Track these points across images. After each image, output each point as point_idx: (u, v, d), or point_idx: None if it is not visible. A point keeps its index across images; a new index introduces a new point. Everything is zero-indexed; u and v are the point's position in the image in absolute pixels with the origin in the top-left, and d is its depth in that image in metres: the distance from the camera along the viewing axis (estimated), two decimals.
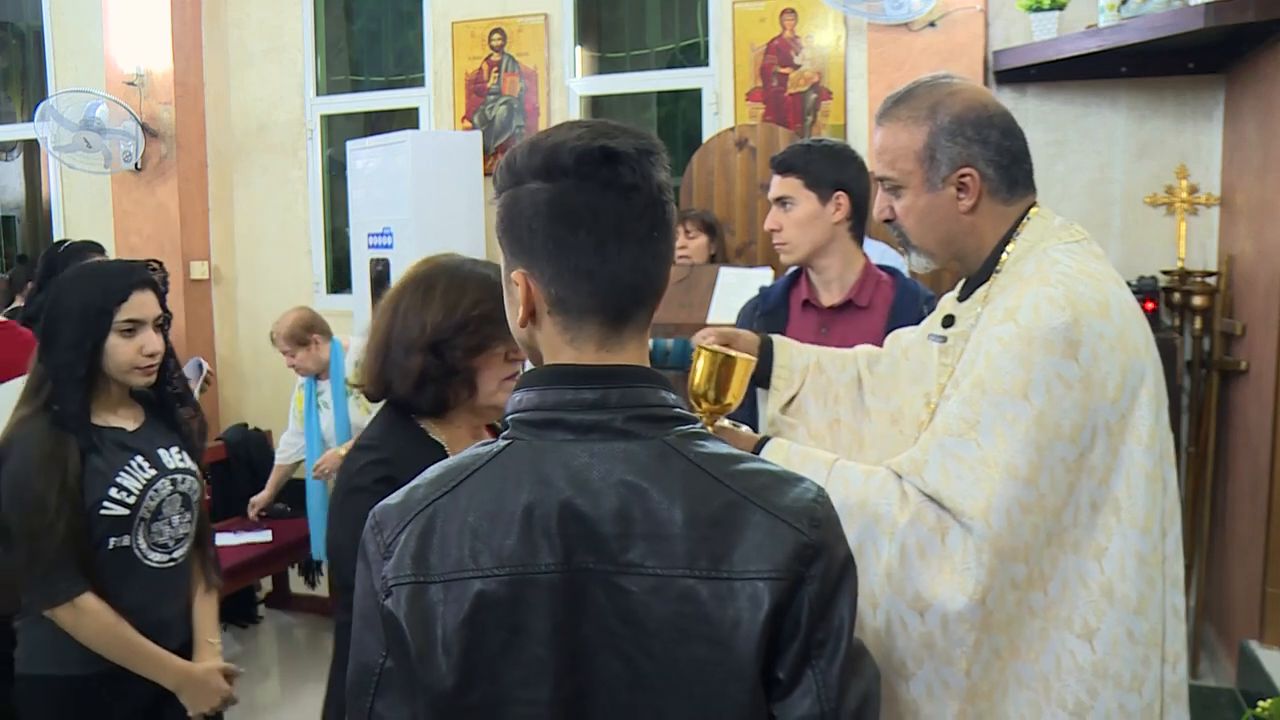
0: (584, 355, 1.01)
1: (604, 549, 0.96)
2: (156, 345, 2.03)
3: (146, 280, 2.04)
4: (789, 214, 2.25)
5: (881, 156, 1.50)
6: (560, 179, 0.98)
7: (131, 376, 2.02)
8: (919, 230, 1.49)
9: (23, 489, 1.91)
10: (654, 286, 1.02)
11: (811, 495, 0.99)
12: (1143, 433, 1.34)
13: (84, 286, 2.00)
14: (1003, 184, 1.46)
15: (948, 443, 1.33)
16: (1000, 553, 1.28)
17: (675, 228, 1.05)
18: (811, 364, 1.76)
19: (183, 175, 5.32)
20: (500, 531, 0.97)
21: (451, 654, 0.97)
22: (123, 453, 2.01)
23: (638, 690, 0.96)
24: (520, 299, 1.02)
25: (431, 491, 1.01)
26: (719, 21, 4.74)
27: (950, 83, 1.48)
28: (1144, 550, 1.33)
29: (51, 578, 1.90)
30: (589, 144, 0.98)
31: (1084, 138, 4.19)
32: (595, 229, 0.97)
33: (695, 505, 0.96)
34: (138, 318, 2.00)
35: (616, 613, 0.95)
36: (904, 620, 1.30)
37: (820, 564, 0.96)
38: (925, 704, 1.31)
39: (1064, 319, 1.31)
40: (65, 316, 1.98)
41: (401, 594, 0.99)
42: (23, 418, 1.98)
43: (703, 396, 1.51)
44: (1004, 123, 1.45)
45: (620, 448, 0.98)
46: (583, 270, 0.98)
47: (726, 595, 0.94)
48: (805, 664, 0.95)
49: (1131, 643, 1.32)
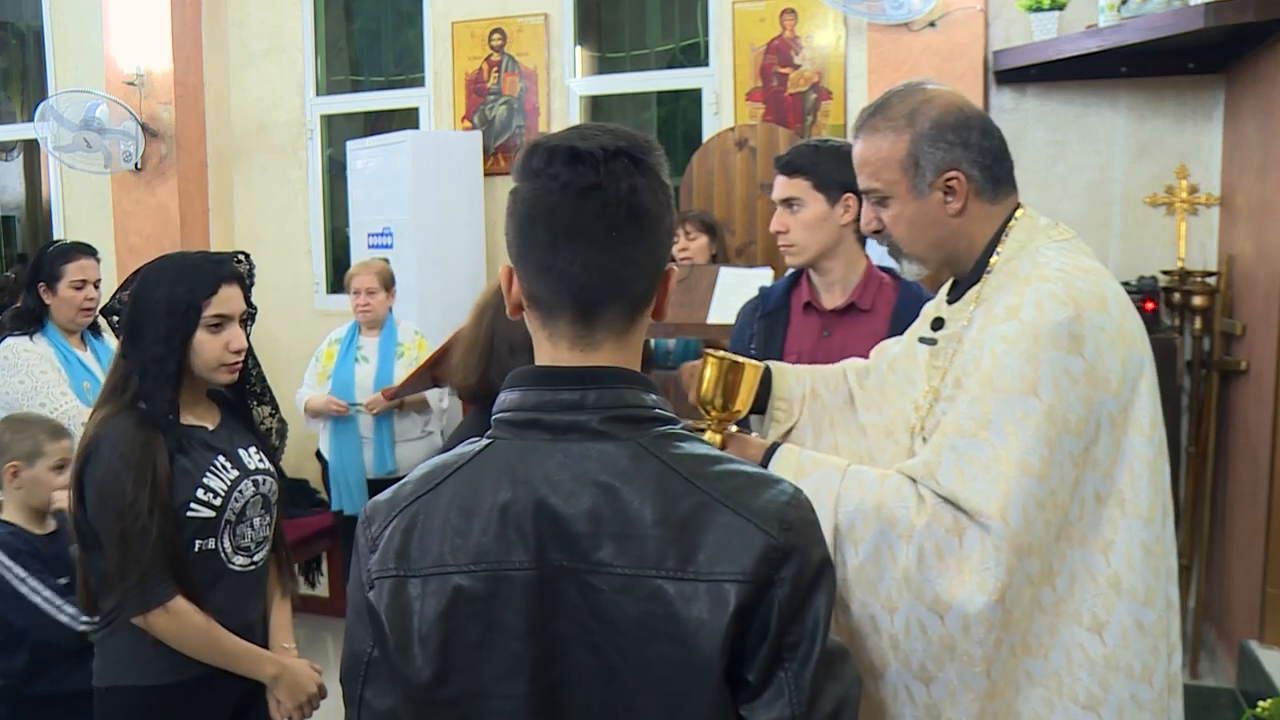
0: (560, 352, 1.04)
1: (576, 548, 0.98)
2: (243, 341, 1.96)
3: (234, 274, 1.97)
4: (796, 216, 2.21)
5: (864, 169, 1.50)
6: (531, 178, 1.02)
7: (217, 374, 1.95)
8: (910, 237, 1.50)
9: (113, 491, 1.83)
10: (618, 287, 1.02)
11: (785, 498, 0.99)
12: (1144, 424, 1.35)
13: (170, 280, 1.91)
14: (988, 183, 1.46)
15: (960, 444, 1.33)
16: (1019, 550, 1.28)
17: (661, 230, 1.05)
18: (807, 392, 1.76)
19: (183, 175, 5.31)
20: (477, 529, 1.00)
21: (429, 647, 1.00)
22: (207, 452, 1.95)
23: (610, 686, 0.97)
24: (508, 292, 1.07)
25: (417, 489, 1.05)
26: (719, 21, 4.74)
27: (924, 89, 1.49)
28: (1149, 541, 1.34)
29: (145, 583, 1.82)
30: (560, 144, 1.01)
31: (1084, 138, 4.19)
32: (549, 226, 1.00)
33: (666, 506, 0.97)
34: (225, 313, 1.93)
35: (589, 610, 0.97)
36: (923, 624, 1.30)
37: (790, 567, 0.96)
38: (947, 706, 1.31)
39: (1067, 314, 1.32)
40: (151, 311, 1.89)
41: (383, 587, 1.02)
42: (107, 416, 1.90)
43: (710, 404, 1.51)
44: (981, 123, 1.46)
45: (595, 448, 1.00)
46: (540, 266, 1.02)
47: (693, 595, 0.95)
48: (776, 666, 0.96)
49: (1141, 634, 1.33)
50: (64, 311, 3.26)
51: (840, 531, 1.35)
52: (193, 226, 5.38)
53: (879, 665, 1.34)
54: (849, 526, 1.35)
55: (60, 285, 3.23)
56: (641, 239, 1.02)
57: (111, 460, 1.84)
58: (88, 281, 3.28)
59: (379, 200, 4.81)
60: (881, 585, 1.32)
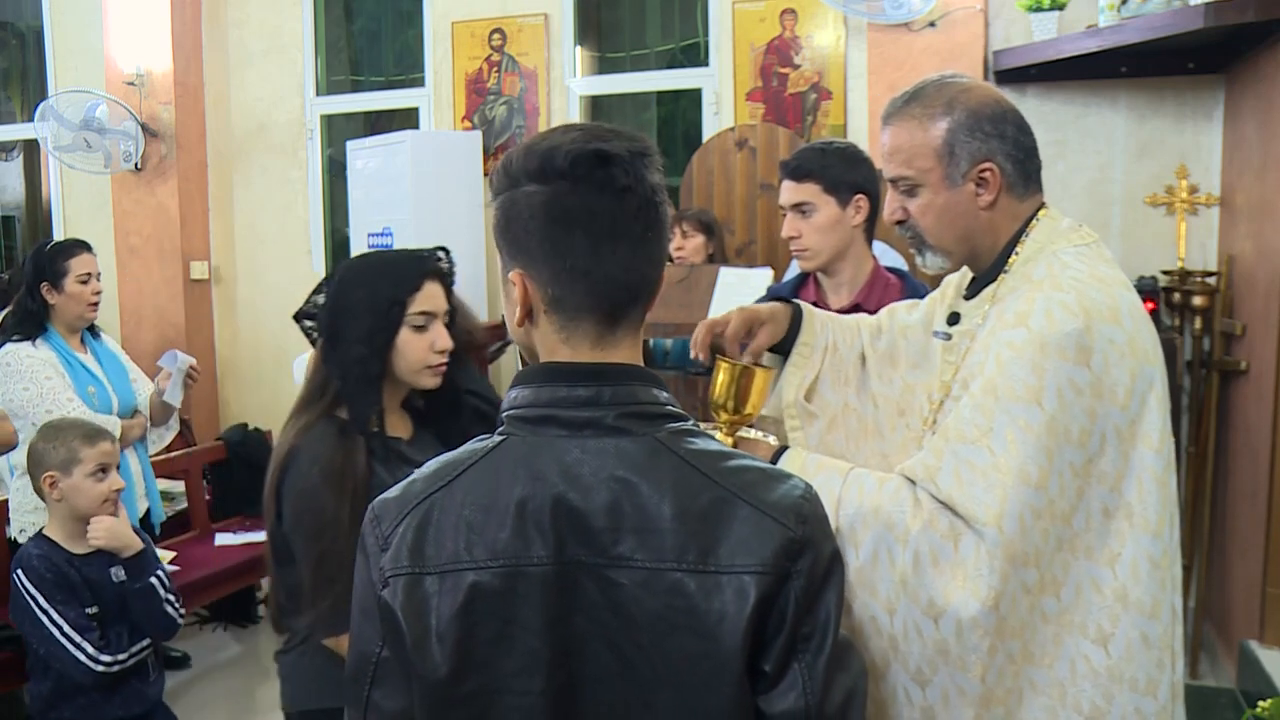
0: (579, 353, 1.04)
1: (595, 542, 0.98)
2: (448, 341, 1.82)
3: (437, 270, 1.85)
4: (810, 220, 2.19)
5: (895, 156, 1.48)
6: (556, 181, 1.00)
7: (421, 377, 1.81)
8: (937, 228, 1.47)
9: (311, 505, 1.71)
10: (648, 286, 1.05)
11: (799, 492, 1.01)
12: (1154, 438, 1.34)
13: (371, 277, 1.80)
14: (1019, 179, 1.46)
15: (960, 449, 1.33)
16: (1013, 558, 1.28)
17: (669, 228, 1.07)
18: (829, 344, 1.72)
19: (183, 175, 5.31)
20: (494, 525, 1.00)
21: (446, 644, 0.99)
22: (404, 466, 1.77)
23: (628, 681, 0.98)
24: (518, 299, 1.05)
25: (428, 485, 1.04)
26: (719, 21, 4.74)
27: (960, 80, 1.48)
28: (1156, 555, 1.33)
29: (340, 604, 1.62)
30: (583, 147, 1.00)
31: (1084, 138, 4.19)
32: (591, 230, 1.00)
33: (684, 500, 0.98)
34: (430, 310, 1.80)
35: (607, 605, 0.98)
36: (919, 627, 1.30)
37: (806, 559, 0.97)
38: (942, 710, 1.31)
39: (1076, 325, 1.31)
40: (352, 310, 1.76)
41: (398, 585, 1.01)
42: (306, 424, 1.77)
43: (722, 407, 1.51)
44: (1017, 118, 1.46)
45: (612, 444, 1.00)
46: (579, 270, 1.01)
47: (713, 589, 0.96)
48: (791, 657, 0.97)
49: (1146, 647, 1.33)
50: (71, 308, 3.24)
51: (841, 534, 1.35)
52: (193, 226, 5.38)
53: (880, 666, 1.34)
54: (849, 529, 1.35)
55: (66, 281, 3.22)
56: (662, 238, 1.05)
57: (310, 474, 1.72)
58: (92, 275, 3.28)
59: (379, 200, 4.81)
60: (881, 587, 1.32)
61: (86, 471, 2.40)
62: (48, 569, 2.35)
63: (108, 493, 2.44)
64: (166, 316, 5.32)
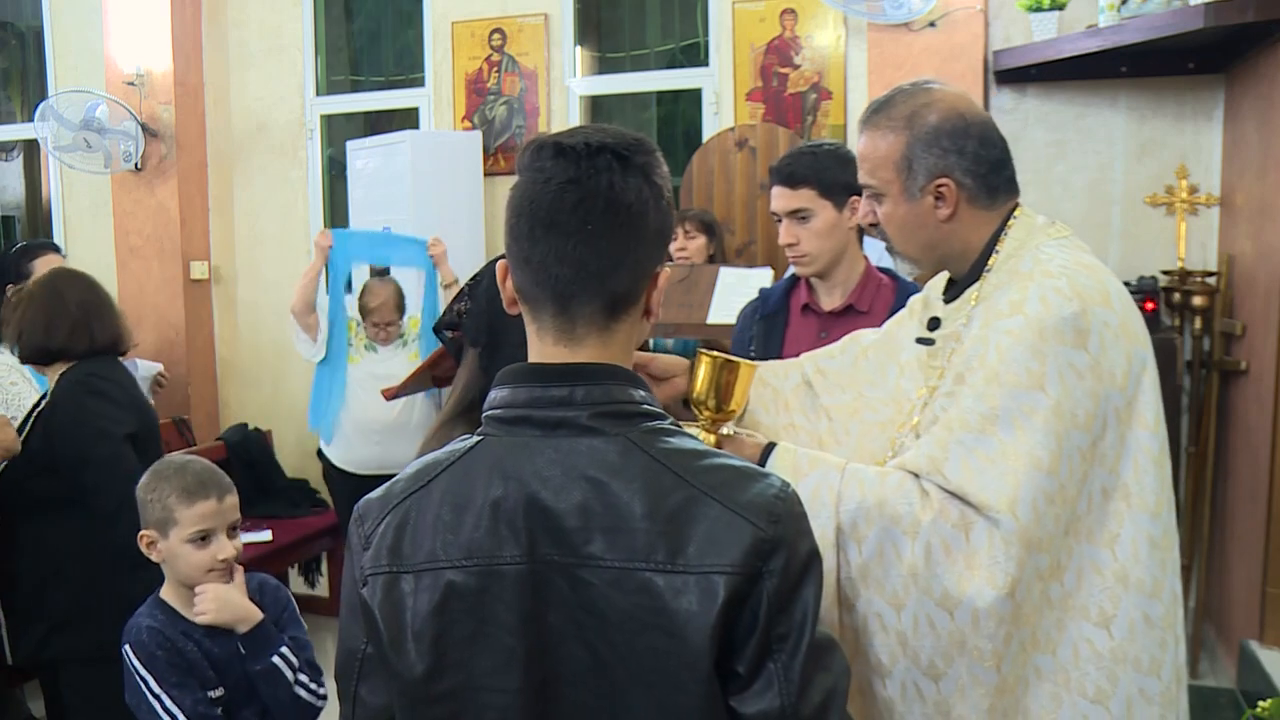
0: (546, 348, 1.06)
1: (566, 542, 0.99)
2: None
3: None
4: (808, 226, 2.17)
5: (863, 164, 1.52)
6: (522, 173, 1.05)
7: None
8: (900, 238, 1.51)
9: None
10: (594, 281, 1.03)
11: (774, 491, 1.01)
12: (1148, 418, 1.36)
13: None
14: (982, 192, 1.47)
15: (966, 439, 1.33)
16: (1029, 544, 1.28)
17: (644, 228, 1.05)
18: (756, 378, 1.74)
19: (183, 175, 5.31)
20: (469, 524, 1.01)
21: (422, 642, 1.01)
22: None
23: (601, 679, 0.99)
24: (502, 286, 1.11)
25: (409, 486, 1.06)
26: (719, 21, 4.74)
27: (930, 90, 1.48)
28: (1155, 534, 1.34)
29: None
30: (549, 140, 1.04)
31: (1084, 138, 4.19)
32: (529, 217, 1.03)
33: (655, 500, 0.98)
34: None
35: (580, 603, 0.98)
36: (932, 619, 1.30)
37: (779, 559, 0.97)
38: (958, 703, 1.31)
39: (1072, 309, 1.33)
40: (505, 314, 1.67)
41: (377, 583, 1.03)
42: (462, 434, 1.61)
43: (703, 404, 1.49)
44: (981, 131, 1.46)
45: (584, 444, 1.01)
46: (520, 257, 1.05)
47: (682, 588, 0.96)
48: (765, 658, 0.97)
49: (1149, 627, 1.33)
50: None
51: (843, 530, 1.35)
52: (193, 226, 5.37)
53: (887, 663, 1.34)
54: (851, 525, 1.35)
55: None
56: (618, 234, 1.03)
57: None
58: None
59: (379, 200, 4.80)
60: (887, 582, 1.32)
61: (183, 537, 1.96)
62: (159, 645, 1.93)
63: (212, 562, 1.97)
64: (166, 316, 5.32)
